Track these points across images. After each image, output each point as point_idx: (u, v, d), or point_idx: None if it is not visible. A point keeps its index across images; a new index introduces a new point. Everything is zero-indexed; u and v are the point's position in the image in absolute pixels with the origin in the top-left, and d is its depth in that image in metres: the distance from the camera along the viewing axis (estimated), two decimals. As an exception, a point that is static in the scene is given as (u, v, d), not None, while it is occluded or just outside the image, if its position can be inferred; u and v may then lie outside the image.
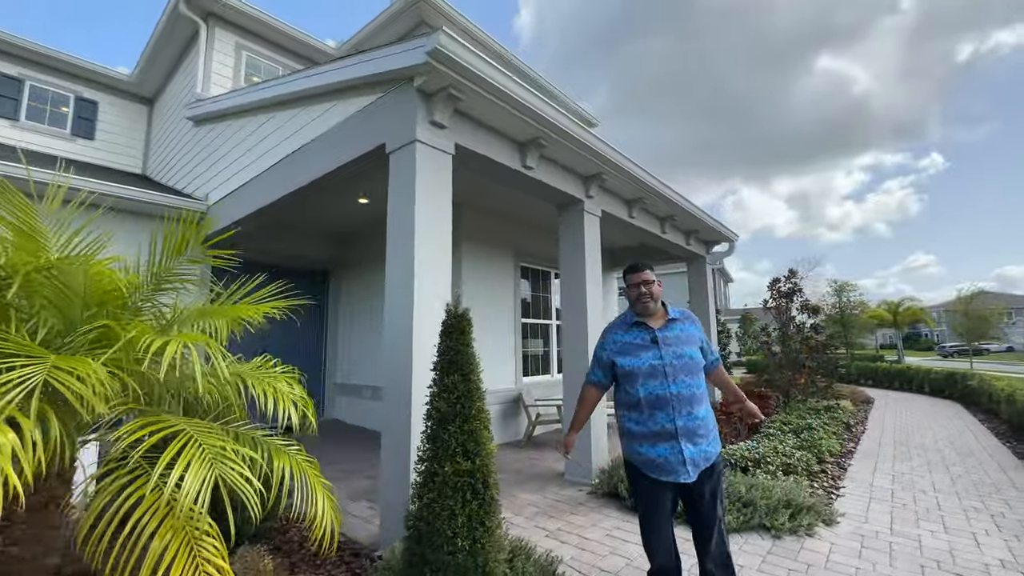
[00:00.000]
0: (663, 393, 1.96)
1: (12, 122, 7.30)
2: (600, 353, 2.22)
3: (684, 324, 2.13)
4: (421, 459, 2.33)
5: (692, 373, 2.01)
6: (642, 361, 2.03)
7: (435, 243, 3.05)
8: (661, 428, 1.95)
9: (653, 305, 2.12)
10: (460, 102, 3.19)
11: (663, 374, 1.99)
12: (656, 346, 2.05)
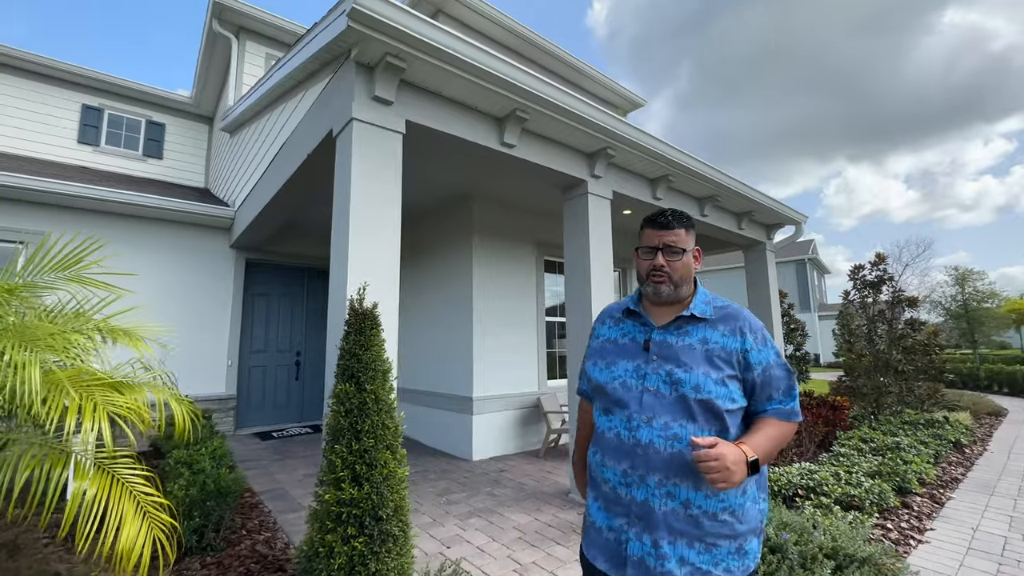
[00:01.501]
0: (624, 438, 1.15)
1: (94, 148, 8.19)
2: (587, 354, 1.42)
3: (710, 329, 1.19)
4: (319, 481, 2.00)
5: (685, 416, 1.11)
6: (614, 374, 1.23)
7: (375, 234, 2.71)
8: (611, 492, 1.18)
9: (668, 289, 1.22)
10: (405, 72, 2.82)
11: (637, 406, 1.16)
12: (645, 354, 1.21)
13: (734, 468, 1.00)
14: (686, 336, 1.20)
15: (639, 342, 1.23)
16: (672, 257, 1.22)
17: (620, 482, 1.15)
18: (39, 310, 1.93)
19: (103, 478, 1.51)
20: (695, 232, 1.30)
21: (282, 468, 4.81)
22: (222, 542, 2.85)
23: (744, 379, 1.17)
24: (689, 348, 1.18)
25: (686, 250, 1.24)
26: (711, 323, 1.21)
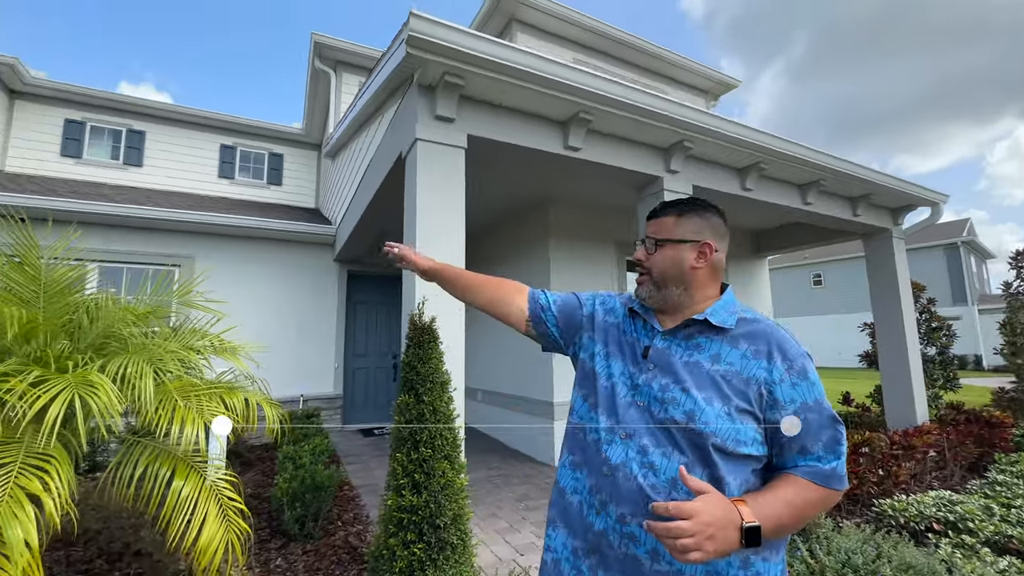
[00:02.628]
0: (599, 449, 0.96)
1: (231, 180, 9.59)
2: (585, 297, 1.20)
3: (727, 346, 0.95)
4: (387, 485, 2.13)
5: (671, 444, 0.89)
6: (610, 371, 1.03)
7: (440, 249, 2.82)
8: (577, 506, 0.99)
9: (646, 290, 1.04)
10: (463, 88, 2.91)
11: (616, 417, 0.96)
12: (642, 362, 1.00)
13: (715, 533, 0.73)
14: (695, 349, 0.96)
15: (640, 346, 1.02)
16: (647, 249, 1.03)
17: (586, 499, 0.96)
18: (165, 329, 2.33)
19: (194, 478, 1.77)
20: (709, 220, 1.02)
21: (380, 464, 5.19)
22: (320, 531, 3.16)
23: (766, 420, 0.89)
24: (694, 365, 0.93)
25: (670, 240, 0.99)
26: (731, 337, 0.95)
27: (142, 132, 8.75)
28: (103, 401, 1.48)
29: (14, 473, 1.30)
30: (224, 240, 6.62)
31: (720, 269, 1.03)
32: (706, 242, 1.00)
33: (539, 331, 1.19)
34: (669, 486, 0.86)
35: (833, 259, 22.22)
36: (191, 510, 1.65)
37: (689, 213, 1.02)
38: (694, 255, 0.99)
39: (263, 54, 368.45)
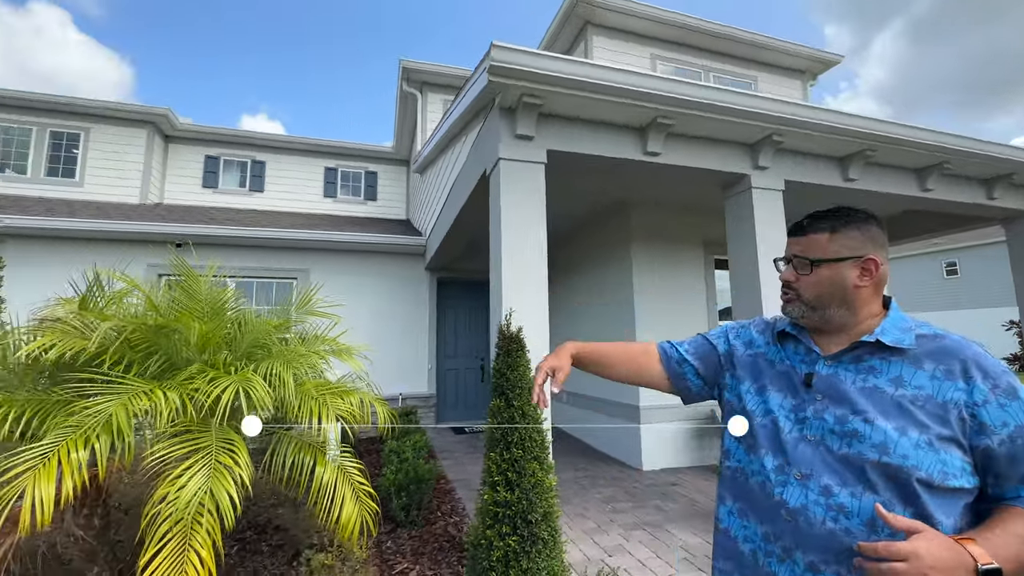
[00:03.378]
0: (769, 491, 0.90)
1: (334, 199, 10.65)
2: (714, 336, 1.14)
3: (909, 367, 0.85)
4: (482, 481, 2.34)
5: (860, 482, 0.80)
6: (767, 405, 0.95)
7: (524, 264, 2.99)
8: (750, 555, 0.93)
9: (797, 309, 0.96)
10: (542, 107, 3.05)
11: (784, 456, 0.89)
12: (806, 391, 0.91)
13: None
14: (869, 373, 0.86)
15: (799, 374, 0.93)
16: (799, 270, 0.94)
17: (760, 547, 0.89)
18: (295, 336, 2.76)
19: (331, 466, 2.10)
20: (868, 231, 0.92)
21: (472, 460, 5.52)
22: (422, 520, 3.49)
23: (973, 447, 0.78)
24: (873, 391, 0.84)
25: (825, 260, 0.90)
26: (912, 358, 0.84)
27: (263, 162, 10.03)
28: (259, 395, 1.84)
29: (213, 450, 1.68)
30: (332, 254, 7.41)
31: (884, 283, 0.93)
32: (869, 257, 0.89)
33: (680, 387, 1.13)
34: (867, 529, 0.78)
35: (971, 245, 19.17)
36: (332, 492, 1.98)
37: (845, 227, 0.92)
38: (856, 273, 0.90)
39: (357, 79, 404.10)
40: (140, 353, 1.92)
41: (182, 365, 2.00)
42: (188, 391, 1.82)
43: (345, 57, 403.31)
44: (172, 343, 2.00)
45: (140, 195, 8.56)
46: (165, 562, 1.44)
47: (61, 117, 8.40)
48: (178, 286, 2.50)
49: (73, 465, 1.40)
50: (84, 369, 1.72)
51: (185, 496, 1.53)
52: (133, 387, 1.72)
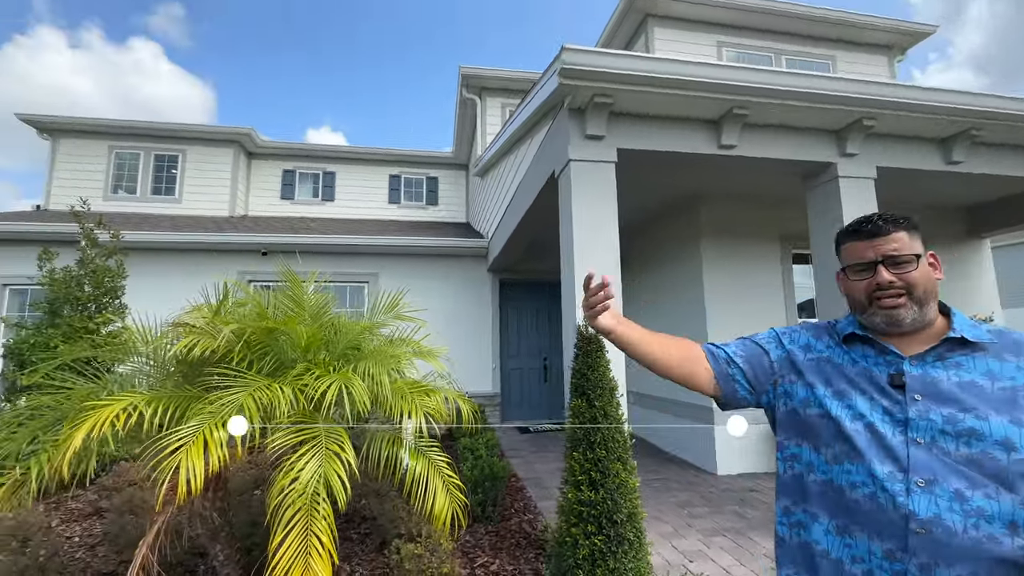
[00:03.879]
0: (884, 504, 0.83)
1: (397, 205, 11.11)
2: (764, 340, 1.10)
3: (995, 361, 0.86)
4: (564, 480, 2.37)
5: (996, 482, 0.78)
6: (854, 411, 0.90)
7: (595, 263, 2.99)
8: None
9: (911, 312, 0.90)
10: (612, 106, 3.04)
11: (896, 462, 0.84)
12: (898, 392, 0.88)
13: None
14: (957, 369, 0.85)
15: (880, 375, 0.90)
16: (902, 268, 0.90)
17: (882, 567, 0.82)
18: (381, 338, 2.93)
19: (422, 459, 2.22)
20: (918, 231, 0.95)
21: (539, 459, 5.57)
22: (498, 516, 3.58)
23: None
24: (971, 386, 0.83)
25: (919, 256, 0.91)
26: (993, 352, 0.85)
27: (333, 172, 10.65)
28: (358, 393, 1.98)
29: (323, 439, 1.84)
30: (398, 258, 7.75)
31: None
32: (931, 253, 0.94)
33: (727, 389, 1.07)
34: (1009, 531, 0.75)
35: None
36: (425, 484, 2.09)
37: (911, 226, 0.95)
38: (933, 268, 0.94)
39: (414, 88, 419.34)
40: (257, 353, 2.13)
41: (289, 364, 2.19)
42: (298, 387, 1.99)
43: (401, 67, 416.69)
44: (280, 344, 2.20)
45: (229, 208, 9.37)
46: (292, 546, 1.59)
47: (162, 141, 9.38)
48: (283, 292, 2.72)
49: (216, 442, 1.59)
50: (217, 365, 1.95)
51: (304, 479, 1.68)
52: (256, 382, 1.91)
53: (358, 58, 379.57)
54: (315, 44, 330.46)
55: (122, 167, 9.18)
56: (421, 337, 2.99)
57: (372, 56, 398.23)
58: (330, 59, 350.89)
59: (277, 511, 1.65)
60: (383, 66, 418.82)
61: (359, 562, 2.97)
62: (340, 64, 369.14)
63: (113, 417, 1.69)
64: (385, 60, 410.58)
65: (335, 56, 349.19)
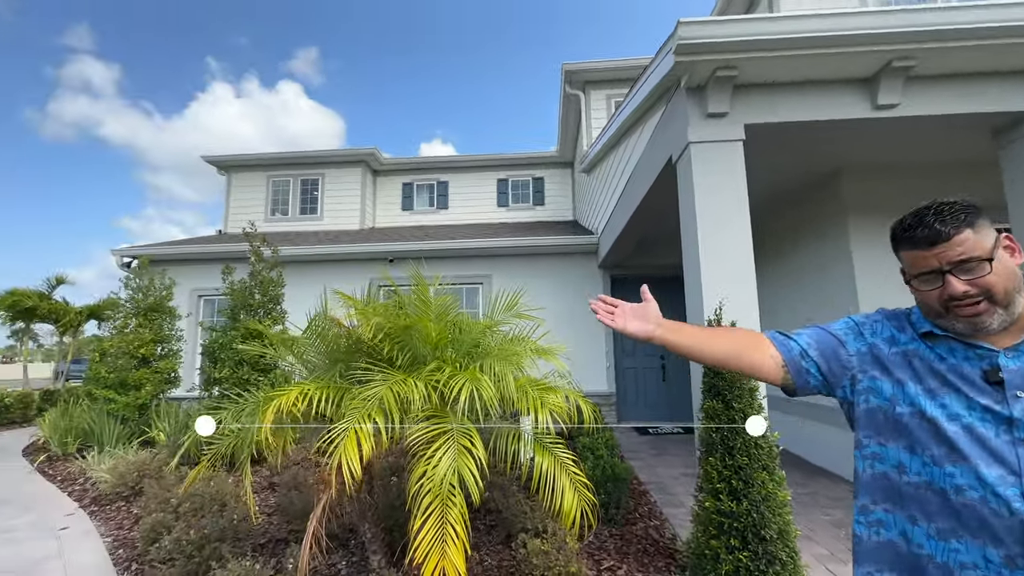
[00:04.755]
0: (999, 510, 0.77)
1: (505, 208, 11.42)
2: (839, 330, 1.03)
3: None
4: (699, 487, 2.22)
5: None
6: (946, 412, 0.84)
7: (725, 251, 2.74)
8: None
9: (996, 318, 0.82)
10: (737, 78, 2.75)
11: (1005, 465, 0.78)
12: (996, 389, 0.81)
13: None
14: None
15: (972, 371, 0.83)
16: (975, 273, 0.81)
17: (1000, 573, 0.77)
18: (501, 335, 3.01)
19: (547, 455, 2.22)
20: (980, 216, 0.83)
21: (661, 463, 5.29)
22: (621, 519, 3.46)
23: None
24: None
25: (992, 255, 0.81)
26: None
27: (446, 182, 11.31)
28: (487, 393, 2.04)
29: (455, 434, 1.94)
30: (509, 259, 7.95)
31: None
32: (1004, 235, 0.86)
33: (799, 381, 1.01)
34: None
35: None
36: (552, 482, 2.10)
37: (972, 217, 0.84)
38: (1010, 254, 0.85)
39: (517, 91, 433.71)
40: (396, 347, 2.32)
41: (421, 360, 2.35)
42: (430, 382, 2.12)
43: (502, 73, 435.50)
44: (414, 341, 2.37)
45: (360, 222, 10.45)
46: (430, 532, 1.70)
47: (306, 168, 10.79)
48: (413, 293, 2.94)
49: (364, 434, 1.77)
50: (363, 357, 2.17)
51: (439, 473, 1.79)
52: (393, 376, 2.08)
53: (461, 71, 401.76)
54: (426, 67, 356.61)
55: (277, 192, 10.76)
56: (538, 336, 3.01)
57: (474, 67, 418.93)
58: (438, 77, 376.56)
59: (416, 498, 1.77)
60: (484, 75, 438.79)
61: (487, 553, 3.07)
62: (446, 79, 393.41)
63: (292, 400, 1.96)
64: (486, 69, 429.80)
65: (442, 74, 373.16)
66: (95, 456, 5.06)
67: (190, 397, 6.75)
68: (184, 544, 2.72)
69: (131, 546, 3.32)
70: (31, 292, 11.80)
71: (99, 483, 4.49)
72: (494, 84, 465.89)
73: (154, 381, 5.93)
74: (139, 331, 6.08)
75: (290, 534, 3.33)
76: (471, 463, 1.84)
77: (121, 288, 6.45)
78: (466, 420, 2.00)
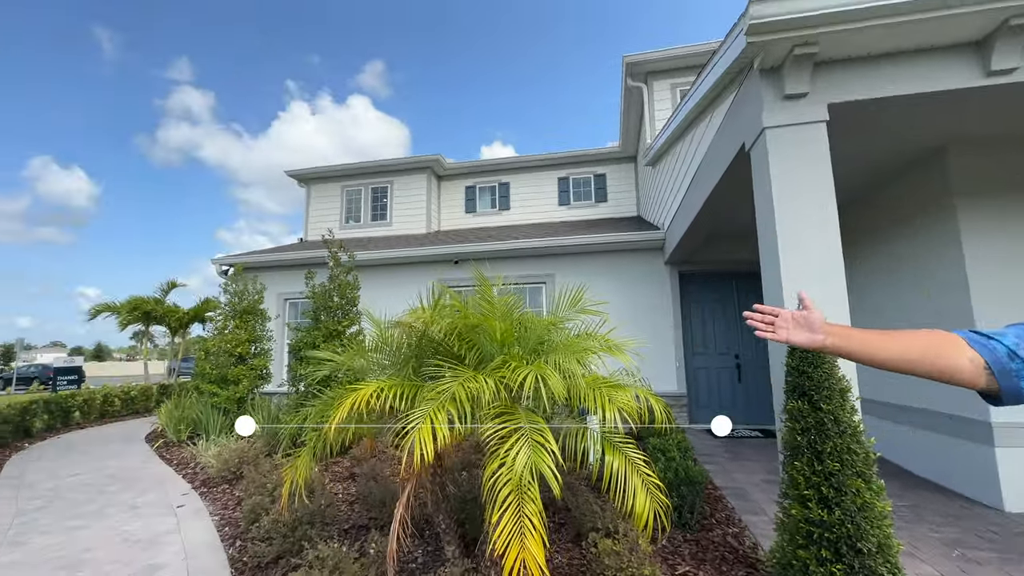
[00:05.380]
0: None
1: (567, 207, 11.34)
2: None
3: None
4: (783, 493, 2.09)
5: None
6: None
7: (807, 241, 2.54)
8: None
9: None
10: (818, 54, 2.55)
11: None
12: None
13: None
14: None
15: None
16: None
17: None
18: (566, 331, 3.01)
19: (618, 454, 2.18)
20: None
21: (738, 468, 5.02)
22: (696, 524, 3.32)
23: None
24: None
25: None
26: None
27: (507, 183, 11.44)
28: (553, 385, 2.05)
29: (528, 430, 1.98)
30: (572, 257, 7.89)
31: None
32: None
33: (1007, 385, 0.90)
34: None
35: None
36: (623, 481, 2.07)
37: None
38: None
39: (574, 87, 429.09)
40: (465, 346, 2.40)
41: (488, 358, 2.40)
42: (498, 378, 2.17)
43: (560, 71, 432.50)
44: (481, 339, 2.43)
45: (426, 226, 10.85)
46: (508, 524, 1.74)
47: (375, 176, 11.37)
48: (477, 294, 3.02)
49: (439, 423, 1.85)
50: (434, 356, 2.26)
51: (518, 466, 1.82)
52: (464, 373, 2.16)
53: (519, 73, 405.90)
54: (485, 71, 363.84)
55: (350, 201, 11.44)
56: (607, 332, 2.97)
57: (530, 66, 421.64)
58: (497, 80, 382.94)
59: (492, 491, 1.81)
60: (541, 74, 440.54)
61: (556, 550, 3.08)
62: (504, 82, 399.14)
63: (368, 395, 2.09)
64: (543, 68, 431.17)
65: (501, 77, 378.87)
66: (203, 444, 5.67)
67: (280, 392, 7.36)
68: (280, 525, 2.98)
69: (235, 525, 3.68)
70: (148, 298, 13.46)
71: (207, 467, 5.03)
72: (551, 84, 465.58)
73: (249, 377, 6.54)
74: (236, 332, 6.72)
75: (370, 521, 3.54)
76: (547, 458, 1.86)
77: (220, 293, 7.17)
78: (534, 416, 2.01)
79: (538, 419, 2.04)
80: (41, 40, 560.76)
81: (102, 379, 23.18)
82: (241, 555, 3.11)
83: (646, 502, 2.05)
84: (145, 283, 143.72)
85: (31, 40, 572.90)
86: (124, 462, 5.80)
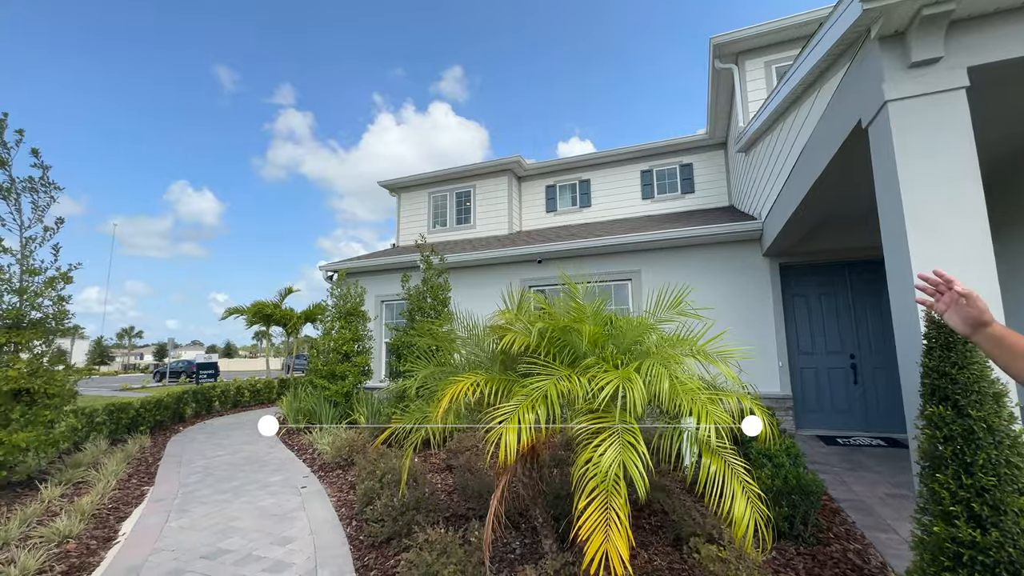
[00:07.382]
0: None
1: (651, 200, 10.95)
2: None
3: None
4: (920, 508, 1.88)
5: None
6: None
7: (942, 226, 2.25)
8: None
9: None
10: (954, 12, 2.24)
11: None
12: None
13: None
14: None
15: None
16: None
17: None
18: (659, 335, 2.93)
19: (716, 458, 2.09)
20: None
21: (857, 480, 4.54)
22: (811, 537, 3.07)
23: None
24: None
25: None
26: None
27: (588, 180, 11.32)
28: (636, 393, 2.02)
29: (619, 429, 1.98)
30: (659, 252, 7.61)
31: None
32: None
33: None
34: None
35: None
36: (721, 486, 1.98)
37: None
38: None
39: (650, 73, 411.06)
40: (556, 347, 2.45)
41: (581, 358, 2.42)
42: (589, 377, 2.18)
43: (628, 59, 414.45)
44: (572, 340, 2.46)
45: (508, 227, 11.08)
46: (594, 513, 1.75)
47: (459, 181, 11.83)
48: (563, 295, 3.05)
49: (526, 423, 1.91)
50: (527, 355, 2.34)
51: (605, 463, 1.83)
52: (557, 371, 2.20)
53: (591, 64, 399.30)
54: (559, 68, 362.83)
55: (436, 206, 12.01)
56: (709, 339, 2.84)
57: (602, 57, 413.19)
58: (571, 75, 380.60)
59: (580, 481, 1.84)
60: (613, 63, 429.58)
61: (655, 552, 3.01)
62: (578, 76, 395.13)
63: (466, 387, 2.22)
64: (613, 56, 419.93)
65: (574, 71, 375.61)
66: (318, 432, 6.30)
67: (380, 387, 7.95)
68: (390, 509, 3.24)
69: (350, 506, 4.06)
70: (268, 303, 15.23)
71: (322, 454, 5.59)
72: (626, 73, 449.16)
73: (354, 373, 7.15)
74: (342, 331, 7.38)
75: (468, 511, 3.72)
76: (635, 457, 1.85)
77: (328, 296, 7.91)
78: (627, 417, 2.00)
79: (629, 420, 2.02)
80: (171, 81, 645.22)
81: (232, 373, 26.62)
82: (358, 533, 3.43)
83: (746, 509, 1.94)
84: (263, 288, 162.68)
85: (167, 83, 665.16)
86: (255, 447, 6.64)
